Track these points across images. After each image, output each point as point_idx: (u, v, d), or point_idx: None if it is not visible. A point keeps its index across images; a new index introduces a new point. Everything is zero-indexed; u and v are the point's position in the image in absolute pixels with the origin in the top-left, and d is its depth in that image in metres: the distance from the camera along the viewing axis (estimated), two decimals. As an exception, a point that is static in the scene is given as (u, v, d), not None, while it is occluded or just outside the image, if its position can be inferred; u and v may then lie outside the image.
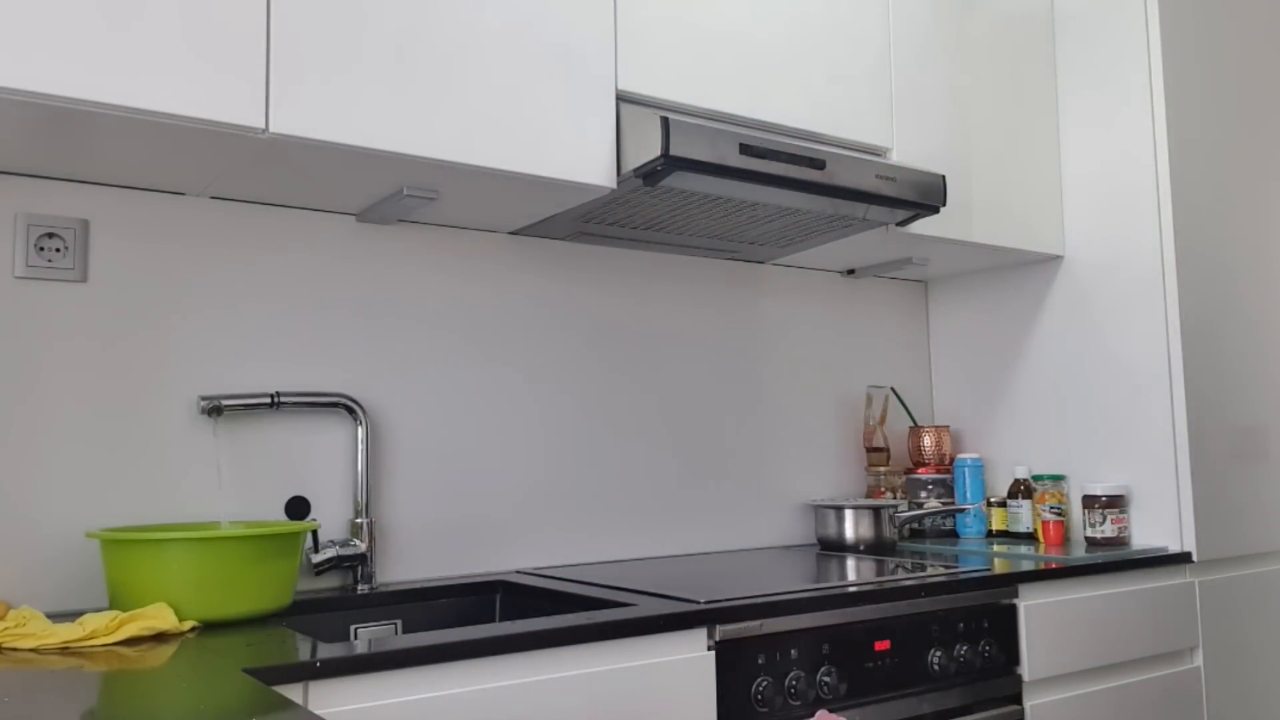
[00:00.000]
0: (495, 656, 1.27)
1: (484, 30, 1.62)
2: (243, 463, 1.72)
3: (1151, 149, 2.25)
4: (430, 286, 1.94)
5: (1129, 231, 2.28)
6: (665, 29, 1.83)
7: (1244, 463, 2.29)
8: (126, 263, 1.65)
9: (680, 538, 2.22)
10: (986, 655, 1.77)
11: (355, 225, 1.87)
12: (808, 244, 2.21)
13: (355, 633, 1.69)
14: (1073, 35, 2.43)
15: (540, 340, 2.07)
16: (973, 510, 2.37)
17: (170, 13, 1.35)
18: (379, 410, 1.86)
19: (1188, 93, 2.30)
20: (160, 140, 1.44)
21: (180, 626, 1.36)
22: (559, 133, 1.68)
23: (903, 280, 2.69)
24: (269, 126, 1.41)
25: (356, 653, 1.18)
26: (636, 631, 1.38)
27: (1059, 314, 2.42)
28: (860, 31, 2.11)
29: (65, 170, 1.57)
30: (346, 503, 1.81)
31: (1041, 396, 2.44)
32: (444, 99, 1.57)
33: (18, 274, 1.56)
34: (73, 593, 1.56)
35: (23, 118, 1.33)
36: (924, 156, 2.18)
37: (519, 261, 2.06)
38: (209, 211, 1.73)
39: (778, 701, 1.50)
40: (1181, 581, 2.13)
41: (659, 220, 1.96)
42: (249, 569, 1.44)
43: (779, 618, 1.52)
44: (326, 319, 1.83)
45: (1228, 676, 2.20)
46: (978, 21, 2.33)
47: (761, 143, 1.74)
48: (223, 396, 1.67)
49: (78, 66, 1.27)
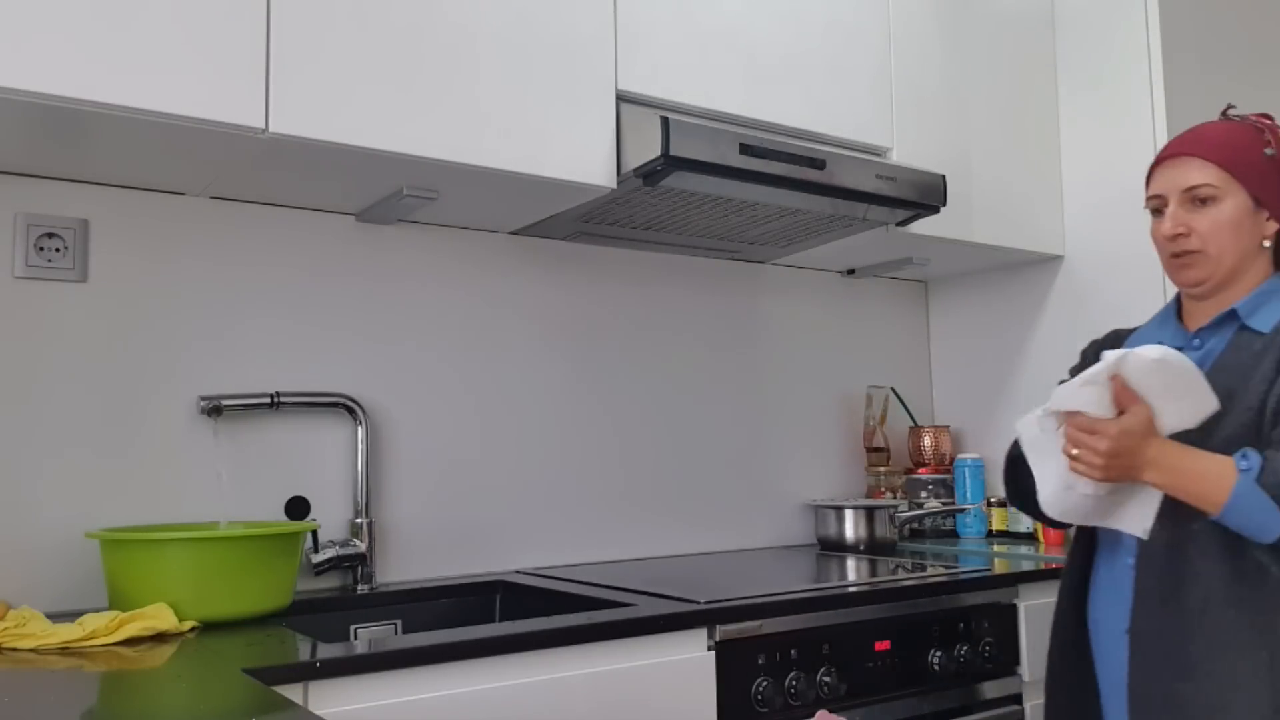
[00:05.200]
0: (495, 657, 1.27)
1: (484, 30, 1.62)
2: (242, 463, 1.72)
3: (1152, 148, 2.25)
4: (430, 286, 1.94)
5: (1129, 231, 2.28)
6: (665, 29, 1.83)
7: (1244, 463, 2.29)
8: (126, 263, 1.65)
9: (680, 538, 2.21)
10: (987, 656, 1.77)
11: (355, 225, 1.87)
12: (808, 244, 2.21)
13: (355, 633, 1.69)
14: (1073, 35, 2.43)
15: (540, 340, 2.07)
16: (973, 510, 2.37)
17: (170, 13, 1.34)
18: (379, 410, 1.86)
19: (1188, 92, 2.30)
20: (160, 140, 1.43)
21: (180, 627, 1.36)
22: (559, 133, 1.68)
23: (903, 280, 2.69)
24: (269, 126, 1.41)
25: (356, 653, 1.18)
26: (636, 632, 1.38)
27: (1059, 314, 2.42)
28: (860, 31, 2.11)
29: (65, 170, 1.57)
30: (346, 503, 1.81)
31: (1042, 396, 2.43)
32: (444, 99, 1.56)
33: (17, 274, 1.56)
34: (72, 593, 1.55)
35: (23, 118, 1.33)
36: (924, 156, 2.18)
37: (519, 261, 2.06)
38: (209, 211, 1.73)
39: (778, 702, 1.50)
40: (1182, 582, 2.13)
41: (659, 220, 1.96)
42: (249, 569, 1.44)
43: (779, 618, 1.52)
44: (326, 319, 1.82)
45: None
46: (978, 21, 2.33)
47: (761, 142, 1.74)
48: (222, 396, 1.67)
49: (78, 66, 1.27)
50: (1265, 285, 1.36)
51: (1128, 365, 1.23)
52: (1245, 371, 1.28)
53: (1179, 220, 1.35)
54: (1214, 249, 1.34)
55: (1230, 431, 1.25)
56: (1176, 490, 1.22)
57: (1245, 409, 1.25)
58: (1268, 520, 1.16)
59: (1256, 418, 1.24)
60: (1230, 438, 1.25)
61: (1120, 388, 1.24)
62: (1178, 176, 1.36)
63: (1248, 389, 1.26)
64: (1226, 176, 1.33)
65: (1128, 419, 1.23)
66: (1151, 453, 1.22)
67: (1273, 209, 1.36)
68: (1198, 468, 1.20)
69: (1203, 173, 1.34)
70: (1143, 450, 1.22)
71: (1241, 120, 1.39)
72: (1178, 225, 1.35)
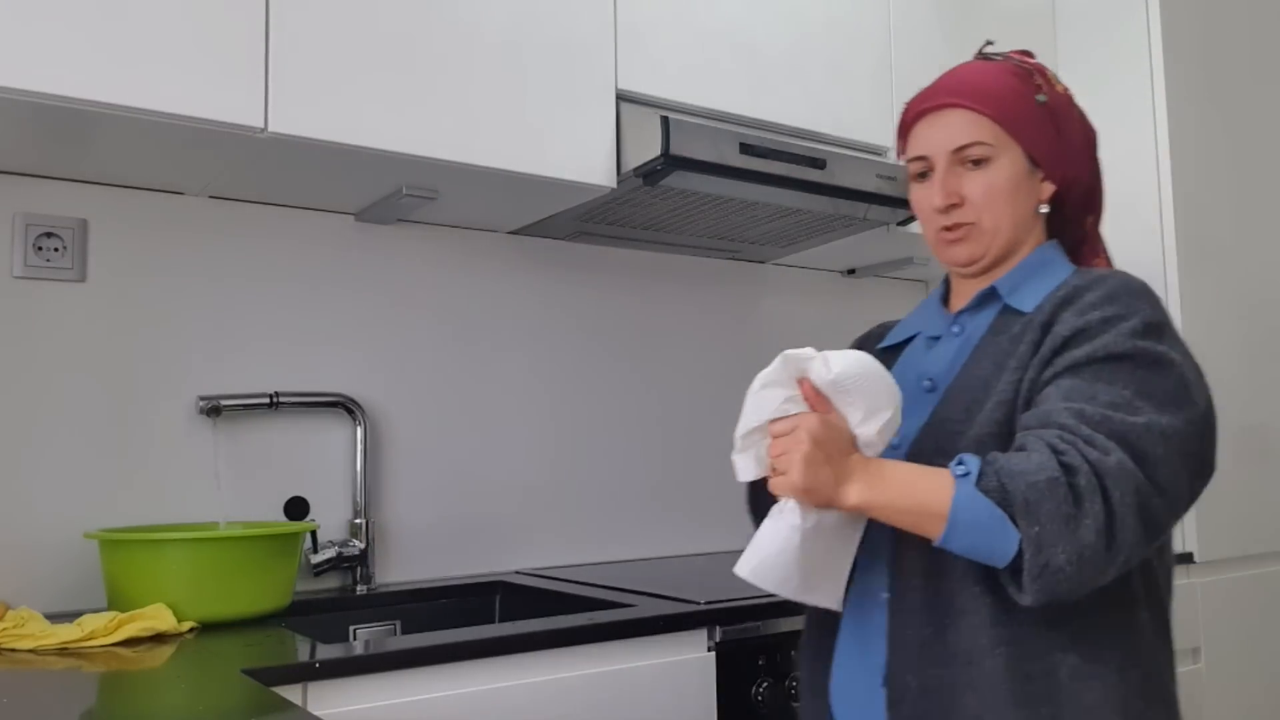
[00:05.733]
0: (495, 657, 1.27)
1: (484, 29, 1.61)
2: (241, 463, 1.72)
3: (1153, 148, 2.25)
4: (430, 286, 1.94)
5: (1129, 231, 2.28)
6: (665, 28, 1.83)
7: (1245, 464, 2.29)
8: (125, 262, 1.65)
9: (680, 538, 2.21)
10: (987, 656, 1.76)
11: (354, 225, 1.87)
12: (808, 244, 2.21)
13: (354, 633, 1.68)
14: (1074, 34, 2.43)
15: (540, 340, 2.06)
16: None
17: (169, 12, 1.34)
18: (378, 410, 1.86)
19: (1189, 92, 2.30)
20: (159, 140, 1.43)
21: (179, 627, 1.35)
22: (559, 133, 1.67)
23: (903, 280, 2.69)
24: (268, 126, 1.41)
25: (355, 654, 1.18)
26: (636, 632, 1.38)
27: (1060, 314, 2.41)
28: (860, 31, 2.10)
29: (64, 170, 1.57)
30: (345, 503, 1.81)
31: (1042, 397, 2.43)
32: (444, 98, 1.56)
33: (16, 274, 1.56)
34: (71, 593, 1.55)
35: (22, 117, 1.33)
36: (924, 156, 2.17)
37: (519, 261, 2.05)
38: (208, 211, 1.73)
39: (778, 703, 1.50)
40: (1183, 583, 2.13)
41: (659, 220, 1.96)
42: (248, 570, 1.44)
43: (780, 618, 1.52)
44: (325, 319, 1.82)
45: (1230, 678, 2.19)
46: (979, 21, 2.32)
47: (762, 142, 1.74)
48: (221, 396, 1.67)
49: (77, 66, 1.27)
50: (1030, 258, 1.13)
51: (814, 369, 0.99)
52: (1001, 359, 1.06)
53: (950, 187, 1.11)
54: (989, 220, 1.10)
55: (982, 431, 1.01)
56: (887, 510, 0.95)
57: (997, 403, 1.02)
58: (997, 535, 0.89)
59: (1009, 412, 1.01)
60: (981, 438, 1.00)
61: (810, 393, 0.99)
62: (944, 134, 1.11)
63: (1000, 379, 1.04)
64: (1000, 131, 1.10)
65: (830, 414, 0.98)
66: (853, 462, 0.95)
67: (1049, 168, 1.12)
68: (907, 477, 0.94)
69: (974, 128, 1.10)
70: (845, 457, 0.95)
71: (1005, 60, 1.15)
72: (950, 194, 1.11)
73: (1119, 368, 0.96)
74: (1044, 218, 1.16)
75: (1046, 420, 0.94)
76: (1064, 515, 0.88)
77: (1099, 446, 0.90)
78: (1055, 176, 1.13)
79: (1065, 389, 0.96)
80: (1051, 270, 1.12)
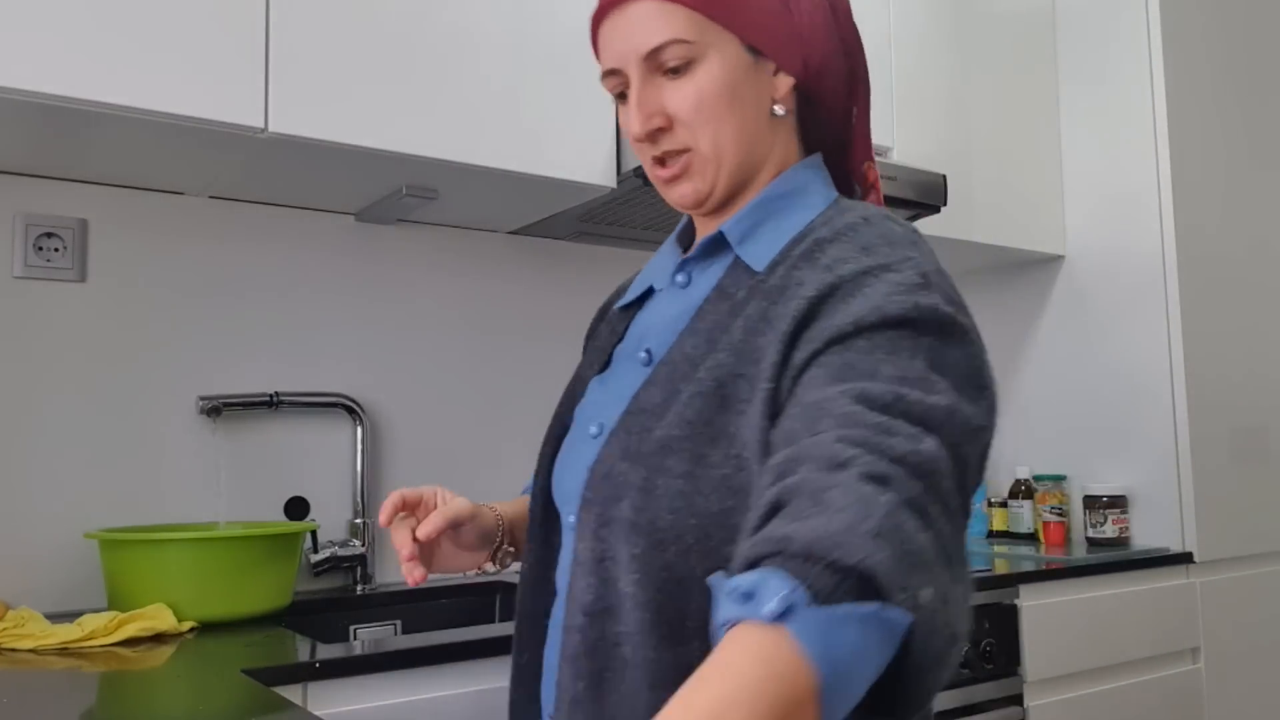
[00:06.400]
0: (495, 657, 1.27)
1: (483, 29, 1.61)
2: (241, 463, 1.72)
3: (1153, 148, 2.25)
4: (430, 286, 1.94)
5: (1130, 231, 2.28)
6: (665, 28, 1.82)
7: (1245, 463, 2.29)
8: (125, 263, 1.65)
9: (680, 538, 2.21)
10: (988, 656, 1.76)
11: (354, 225, 1.87)
12: (808, 244, 2.20)
13: (354, 633, 1.68)
14: (1074, 34, 2.43)
15: (540, 340, 2.06)
16: (973, 510, 2.37)
17: (169, 12, 1.34)
18: (378, 410, 1.86)
19: (1189, 92, 2.30)
20: (159, 140, 1.43)
21: (179, 627, 1.35)
22: (559, 132, 1.67)
23: (903, 280, 2.68)
24: (268, 126, 1.41)
25: (355, 654, 1.18)
26: (637, 632, 1.37)
27: (1059, 314, 2.41)
28: (860, 31, 2.10)
29: (64, 170, 1.57)
30: (346, 503, 1.81)
31: (1042, 396, 2.43)
32: (443, 98, 1.56)
33: (16, 274, 1.56)
34: (71, 593, 1.55)
35: (22, 117, 1.33)
36: (924, 156, 2.17)
37: (519, 261, 2.05)
38: (208, 211, 1.73)
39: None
40: (1183, 582, 2.13)
41: (659, 220, 1.96)
42: (248, 570, 1.44)
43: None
44: (326, 319, 1.82)
45: (1229, 678, 2.19)
46: (978, 21, 2.32)
47: (762, 142, 1.74)
48: (222, 397, 1.67)
49: (76, 66, 1.27)
50: (771, 188, 0.87)
51: None
52: (714, 334, 0.81)
53: (649, 107, 0.84)
54: (707, 141, 0.84)
55: (667, 434, 0.77)
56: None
57: (693, 395, 0.77)
58: (875, 640, 0.54)
59: (705, 413, 0.76)
60: (667, 443, 0.77)
61: None
62: (631, 37, 0.83)
63: (705, 362, 0.79)
64: (701, 20, 0.82)
65: None
66: None
67: (779, 55, 0.85)
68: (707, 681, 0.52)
69: (666, 22, 0.82)
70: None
71: None
72: (650, 115, 0.84)
73: (899, 335, 0.71)
74: (791, 124, 0.89)
75: (816, 417, 0.66)
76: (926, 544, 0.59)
77: (901, 434, 0.64)
78: (790, 65, 0.86)
79: (833, 369, 0.70)
80: (800, 203, 0.86)
